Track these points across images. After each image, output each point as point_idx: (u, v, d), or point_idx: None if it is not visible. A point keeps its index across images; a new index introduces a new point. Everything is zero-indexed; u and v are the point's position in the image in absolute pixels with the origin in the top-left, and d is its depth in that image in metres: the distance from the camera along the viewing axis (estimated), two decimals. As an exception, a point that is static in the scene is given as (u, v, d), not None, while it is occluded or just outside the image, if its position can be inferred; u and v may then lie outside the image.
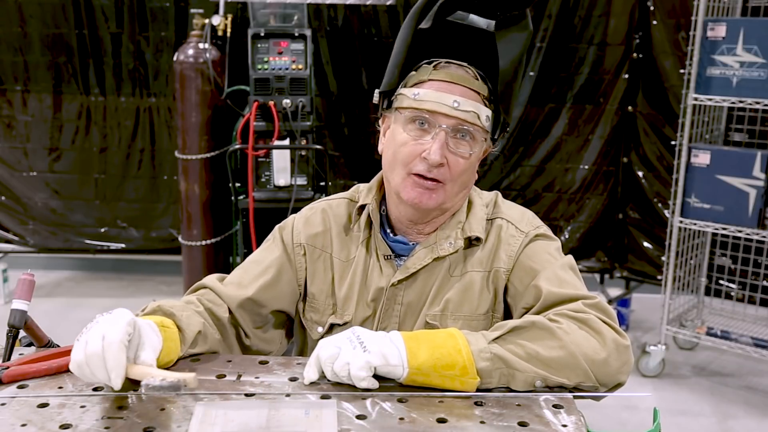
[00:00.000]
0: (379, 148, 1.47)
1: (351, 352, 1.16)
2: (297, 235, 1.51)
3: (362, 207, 1.49)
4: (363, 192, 1.51)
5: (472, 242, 1.44)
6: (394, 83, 1.40)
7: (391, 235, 1.47)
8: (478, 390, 1.18)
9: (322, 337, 1.46)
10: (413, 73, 1.38)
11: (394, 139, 1.38)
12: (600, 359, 1.19)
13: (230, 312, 1.43)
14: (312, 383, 1.19)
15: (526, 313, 1.33)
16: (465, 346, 1.17)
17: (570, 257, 1.42)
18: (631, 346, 1.25)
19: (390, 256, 1.45)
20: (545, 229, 1.46)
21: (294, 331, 1.57)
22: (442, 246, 1.42)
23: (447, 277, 1.42)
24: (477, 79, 1.36)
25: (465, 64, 1.37)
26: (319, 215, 1.53)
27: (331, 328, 1.47)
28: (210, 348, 1.36)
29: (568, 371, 1.18)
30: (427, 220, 1.43)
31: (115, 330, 1.10)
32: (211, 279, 1.48)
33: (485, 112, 1.35)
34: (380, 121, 1.47)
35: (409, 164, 1.35)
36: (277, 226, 1.56)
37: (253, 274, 1.48)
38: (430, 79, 1.35)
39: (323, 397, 1.16)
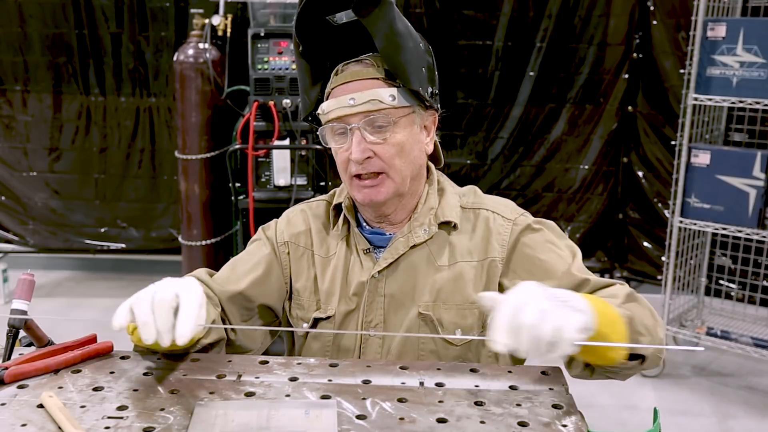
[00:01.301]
0: None
1: (560, 312, 1.02)
2: (281, 234, 1.55)
3: (338, 206, 1.52)
4: (338, 192, 1.55)
5: (450, 229, 1.46)
6: (310, 108, 1.46)
7: (369, 228, 1.50)
8: (479, 390, 1.18)
9: (306, 334, 1.50)
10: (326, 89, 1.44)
11: (332, 151, 1.44)
12: (660, 329, 1.27)
13: (221, 306, 1.46)
14: (311, 383, 1.19)
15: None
16: (616, 312, 1.16)
17: (572, 243, 1.46)
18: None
19: (369, 249, 1.48)
20: (529, 215, 1.49)
21: (283, 332, 1.59)
22: (417, 233, 1.44)
23: (433, 266, 1.44)
24: (375, 66, 1.38)
25: (364, 57, 1.40)
26: (299, 216, 1.57)
27: (315, 324, 1.49)
28: (218, 337, 1.40)
29: (657, 341, 1.22)
30: (392, 210, 1.46)
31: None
32: (202, 273, 1.50)
33: (387, 92, 1.36)
34: None
35: (347, 170, 1.41)
36: (261, 228, 1.60)
37: (243, 269, 1.51)
38: (333, 88, 1.40)
39: (323, 397, 1.16)
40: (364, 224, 1.50)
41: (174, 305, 1.14)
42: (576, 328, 1.01)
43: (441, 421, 1.08)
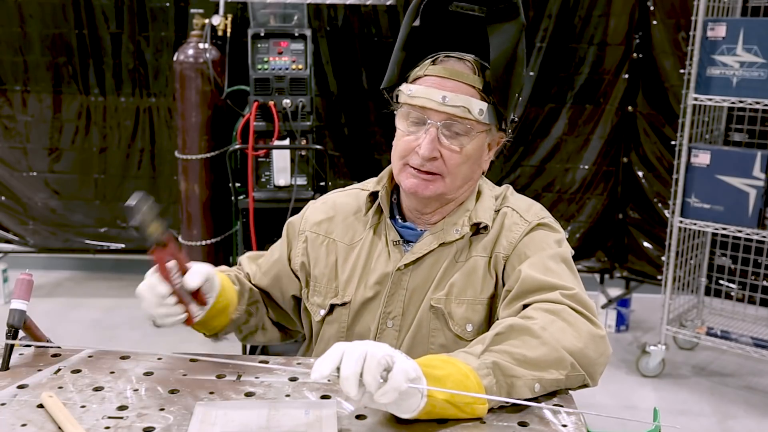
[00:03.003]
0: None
1: (393, 351, 1.02)
2: (304, 223, 1.58)
3: (373, 194, 1.52)
4: (373, 181, 1.55)
5: (479, 230, 1.45)
6: (393, 79, 1.44)
7: (401, 221, 1.50)
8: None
9: (323, 320, 1.51)
10: (415, 69, 1.41)
11: (397, 132, 1.43)
12: (577, 350, 1.19)
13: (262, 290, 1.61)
14: (311, 383, 1.19)
15: (507, 295, 1.35)
16: (466, 367, 1.10)
17: (566, 249, 1.43)
18: (632, 346, 1.24)
19: (398, 241, 1.48)
20: (550, 220, 1.49)
21: (302, 318, 1.61)
22: (449, 232, 1.44)
23: (453, 262, 1.44)
24: (474, 73, 1.37)
25: (467, 56, 1.39)
26: (328, 204, 1.59)
27: (332, 310, 1.51)
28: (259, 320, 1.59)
29: (557, 366, 1.16)
30: (431, 210, 1.46)
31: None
32: (246, 261, 1.65)
33: (478, 106, 1.36)
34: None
35: (405, 157, 1.40)
36: (288, 221, 1.63)
37: (265, 267, 1.61)
38: (425, 75, 1.38)
39: (323, 397, 1.16)
40: (398, 216, 1.51)
41: None
42: (409, 365, 1.01)
43: (441, 421, 1.08)
